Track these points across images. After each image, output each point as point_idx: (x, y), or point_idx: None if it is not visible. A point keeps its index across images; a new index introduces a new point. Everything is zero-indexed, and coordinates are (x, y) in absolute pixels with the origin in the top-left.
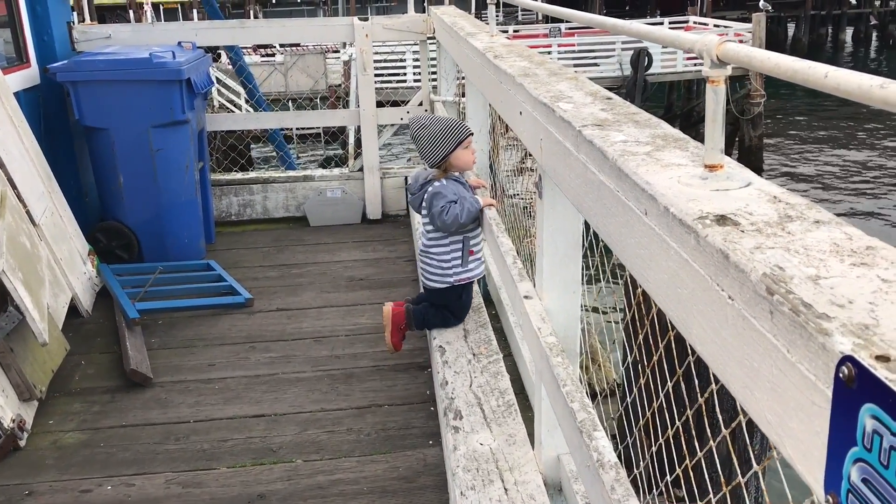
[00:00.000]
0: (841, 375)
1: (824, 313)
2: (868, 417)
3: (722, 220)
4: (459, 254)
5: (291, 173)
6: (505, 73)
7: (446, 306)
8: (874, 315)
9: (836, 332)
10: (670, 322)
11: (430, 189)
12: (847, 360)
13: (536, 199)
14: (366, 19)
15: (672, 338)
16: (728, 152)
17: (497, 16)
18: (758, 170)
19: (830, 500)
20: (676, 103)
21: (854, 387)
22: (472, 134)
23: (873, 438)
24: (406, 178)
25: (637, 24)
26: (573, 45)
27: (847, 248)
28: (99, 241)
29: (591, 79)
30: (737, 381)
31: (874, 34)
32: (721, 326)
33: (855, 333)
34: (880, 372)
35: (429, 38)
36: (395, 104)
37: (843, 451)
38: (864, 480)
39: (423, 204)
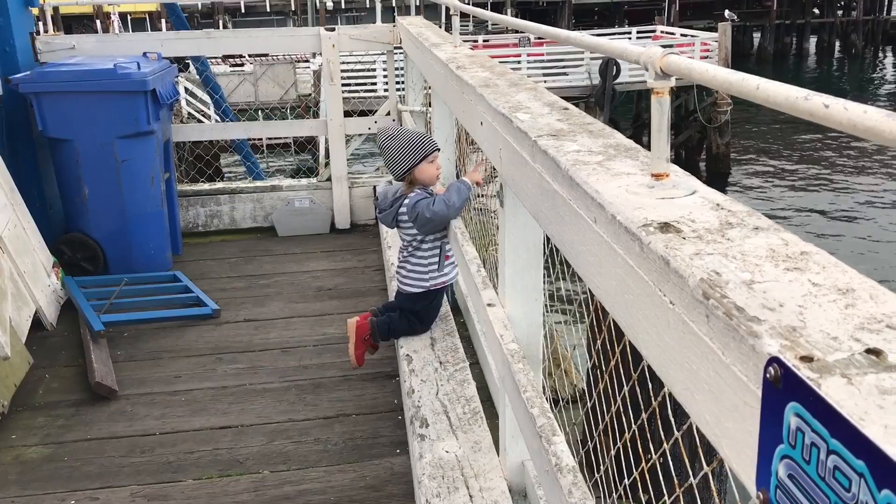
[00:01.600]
0: (768, 376)
1: (755, 316)
2: (792, 416)
3: (665, 227)
4: (437, 259)
5: (259, 183)
6: (466, 83)
7: (416, 312)
8: (802, 318)
9: (765, 334)
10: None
11: (406, 202)
12: (774, 360)
13: (498, 207)
14: (332, 30)
15: (627, 343)
16: (696, 160)
17: (467, 25)
18: (724, 176)
19: (761, 496)
20: (644, 112)
21: (780, 386)
22: (438, 149)
23: (797, 435)
24: (375, 187)
25: (587, 36)
26: (542, 54)
27: (783, 254)
28: (63, 253)
29: (560, 88)
30: (678, 384)
31: (837, 43)
32: (664, 331)
33: (783, 335)
34: (803, 372)
35: (396, 48)
36: (363, 114)
37: (772, 449)
38: (790, 476)
39: (405, 217)
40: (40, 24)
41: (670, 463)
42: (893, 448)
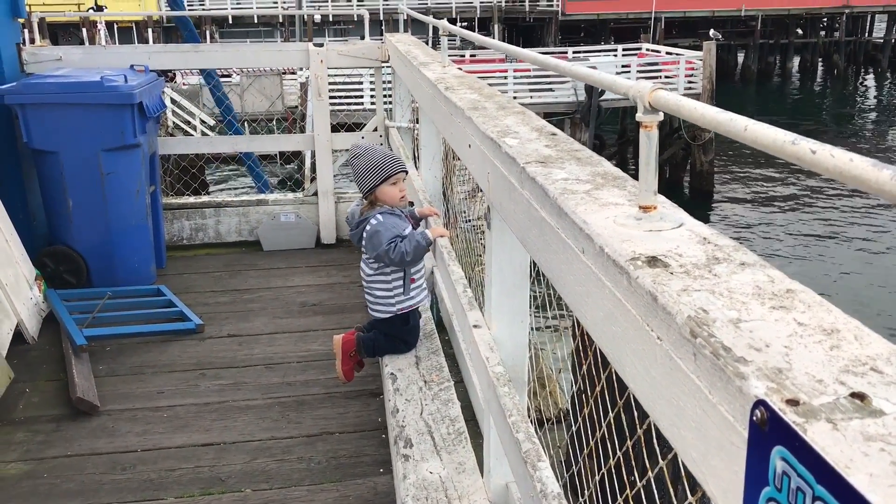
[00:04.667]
0: (755, 418)
1: (742, 357)
2: (778, 459)
3: (653, 261)
4: (401, 283)
5: (245, 197)
6: (455, 105)
7: (395, 335)
8: (788, 359)
9: (751, 375)
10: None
11: (367, 228)
12: (760, 403)
13: (486, 229)
14: (321, 45)
15: (613, 371)
16: (680, 176)
17: (454, 39)
18: (708, 193)
19: None
20: (630, 128)
21: (766, 429)
22: (403, 171)
23: (783, 479)
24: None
25: (579, 67)
26: (528, 70)
27: (769, 291)
28: (46, 265)
29: (546, 104)
30: (665, 419)
31: (820, 63)
32: (651, 365)
33: (769, 377)
34: (789, 416)
35: (384, 63)
36: (350, 129)
37: (758, 491)
38: None
39: (364, 242)
40: (26, 31)
41: (654, 490)
42: (878, 497)
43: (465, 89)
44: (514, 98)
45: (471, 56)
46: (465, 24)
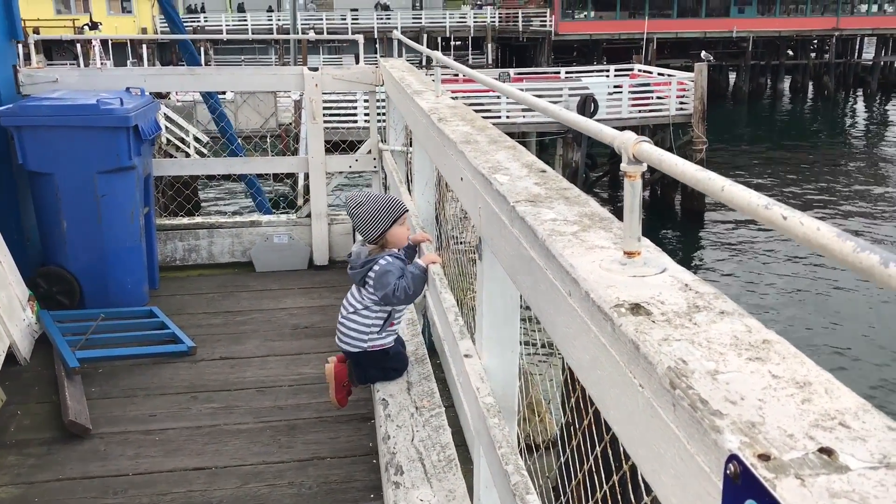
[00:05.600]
0: (728, 472)
1: (718, 410)
2: None
3: (636, 308)
4: (381, 323)
5: (238, 218)
6: (448, 137)
7: (382, 366)
8: (762, 412)
9: (726, 429)
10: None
11: (377, 268)
12: (734, 457)
13: (477, 261)
14: (315, 69)
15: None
16: (671, 196)
17: (448, 53)
18: (699, 213)
19: None
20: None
21: (739, 483)
22: (406, 211)
23: None
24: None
25: (567, 112)
26: (521, 90)
27: (746, 342)
28: (39, 286)
29: (538, 123)
30: (646, 464)
31: (810, 85)
32: (633, 411)
33: (743, 431)
34: (760, 471)
35: (378, 87)
36: (343, 149)
37: None
38: None
39: (370, 282)
40: (20, 47)
41: None
42: None
43: (458, 121)
44: (507, 118)
45: (464, 76)
46: (458, 42)
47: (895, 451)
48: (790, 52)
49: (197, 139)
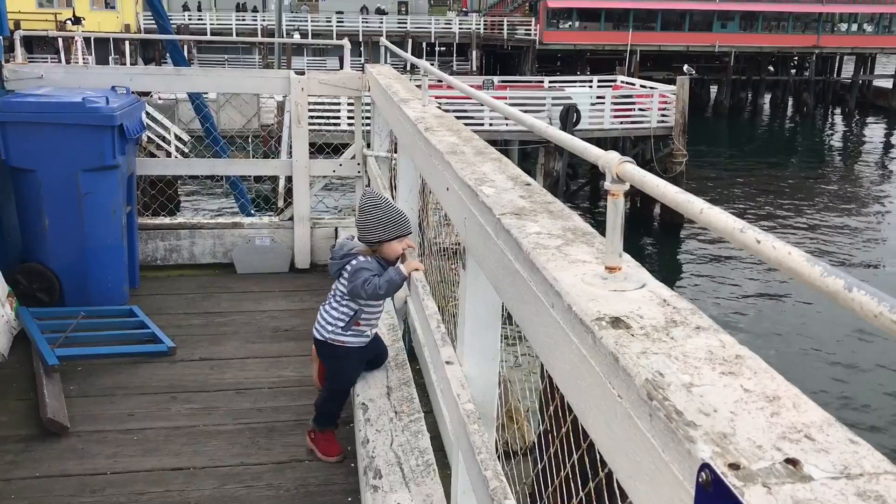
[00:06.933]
0: (700, 480)
1: (692, 421)
2: None
3: (616, 322)
4: (346, 320)
5: (221, 220)
6: (434, 148)
7: (331, 364)
8: (733, 424)
9: (699, 439)
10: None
11: (354, 262)
12: (706, 466)
13: (460, 269)
14: (302, 73)
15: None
16: (650, 207)
17: (433, 63)
18: (678, 226)
19: None
20: None
21: (711, 491)
22: (410, 232)
23: None
24: (336, 228)
25: (553, 130)
26: (505, 98)
27: (720, 357)
28: (19, 282)
29: (521, 132)
30: (623, 472)
31: (790, 101)
32: (612, 420)
33: (715, 441)
34: (730, 479)
35: (364, 93)
36: (326, 152)
37: None
38: None
39: (344, 273)
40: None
41: None
42: None
43: (445, 131)
44: (491, 125)
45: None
46: (443, 48)
47: (855, 462)
48: (771, 69)
49: (179, 138)
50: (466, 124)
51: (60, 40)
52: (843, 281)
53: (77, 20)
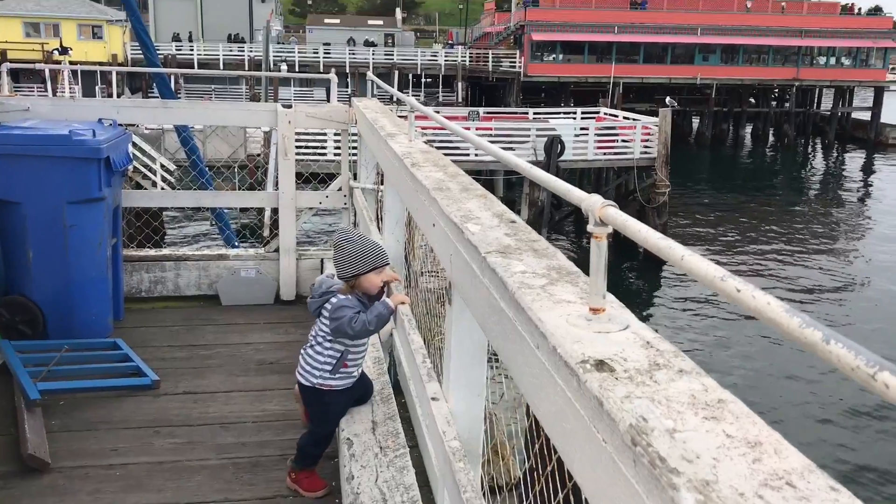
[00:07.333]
0: None
1: (675, 468)
2: None
3: (600, 365)
4: (333, 362)
5: (206, 251)
6: (420, 183)
7: (314, 410)
8: (715, 471)
9: (682, 487)
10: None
11: (333, 301)
12: None
13: (447, 304)
14: (289, 106)
15: None
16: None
17: (418, 95)
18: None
19: None
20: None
21: None
22: (388, 264)
23: None
24: (322, 259)
25: (538, 171)
26: (490, 129)
27: (702, 401)
28: (2, 315)
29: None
30: None
31: (770, 132)
32: (596, 465)
33: (698, 489)
34: None
35: (351, 125)
36: (312, 181)
37: None
38: None
39: (325, 313)
40: None
41: None
42: None
43: (431, 166)
44: (476, 156)
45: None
46: (429, 79)
47: None
48: (752, 101)
49: (165, 168)
50: (452, 155)
51: (47, 70)
52: (822, 333)
53: (64, 50)
